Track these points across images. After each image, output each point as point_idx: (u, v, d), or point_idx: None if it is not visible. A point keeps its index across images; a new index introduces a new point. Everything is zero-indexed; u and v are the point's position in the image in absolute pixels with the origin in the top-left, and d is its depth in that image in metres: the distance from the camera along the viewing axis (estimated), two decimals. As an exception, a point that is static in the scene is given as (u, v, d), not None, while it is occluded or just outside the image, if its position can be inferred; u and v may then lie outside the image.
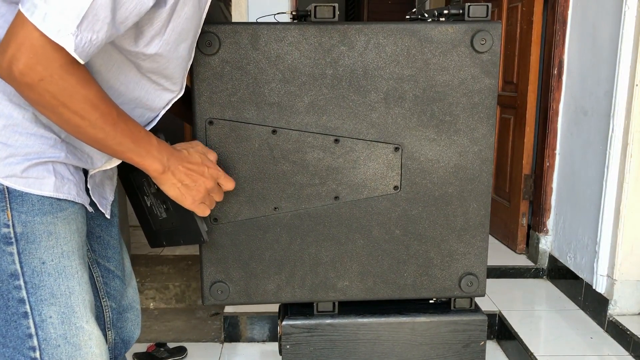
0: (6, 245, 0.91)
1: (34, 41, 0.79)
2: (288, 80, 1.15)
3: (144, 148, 0.96)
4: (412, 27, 1.14)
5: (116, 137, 0.91)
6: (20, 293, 0.93)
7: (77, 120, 0.87)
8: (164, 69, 1.00)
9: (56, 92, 0.83)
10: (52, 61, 0.80)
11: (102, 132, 0.89)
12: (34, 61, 0.80)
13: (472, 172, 1.21)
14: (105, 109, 0.88)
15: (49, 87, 0.82)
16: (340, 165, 1.19)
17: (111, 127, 0.89)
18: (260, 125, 1.16)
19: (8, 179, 0.89)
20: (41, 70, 0.80)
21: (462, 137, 1.19)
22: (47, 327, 0.95)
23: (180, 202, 1.04)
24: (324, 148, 1.18)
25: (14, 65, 0.80)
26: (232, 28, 1.12)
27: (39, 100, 0.84)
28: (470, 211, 1.23)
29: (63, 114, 0.86)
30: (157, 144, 0.98)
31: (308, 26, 1.13)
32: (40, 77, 0.81)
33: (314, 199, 1.20)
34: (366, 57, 1.14)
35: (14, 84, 0.83)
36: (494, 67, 1.16)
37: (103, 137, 0.90)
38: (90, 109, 0.86)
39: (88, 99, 0.86)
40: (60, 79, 0.82)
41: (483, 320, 1.27)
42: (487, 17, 1.15)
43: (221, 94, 1.14)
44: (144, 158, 0.96)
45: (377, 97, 1.16)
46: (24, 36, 0.79)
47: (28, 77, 0.80)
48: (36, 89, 0.82)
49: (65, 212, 0.95)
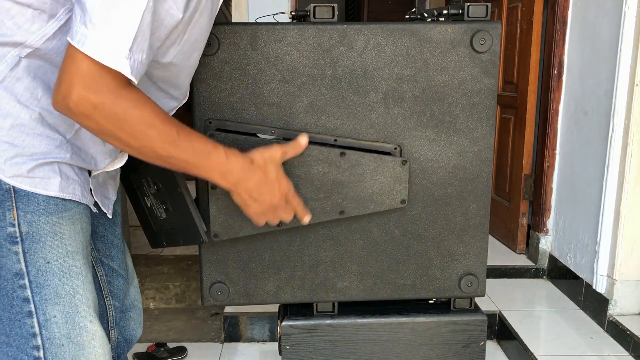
0: (12, 244, 0.91)
1: (84, 71, 0.82)
2: (287, 81, 1.15)
3: (209, 165, 0.97)
4: (411, 27, 1.14)
5: (178, 155, 0.92)
6: (24, 292, 0.93)
7: (136, 143, 0.89)
8: (175, 78, 1.01)
9: (111, 117, 0.85)
10: (102, 88, 0.83)
11: (163, 151, 0.91)
12: (86, 91, 0.82)
13: (472, 172, 1.21)
14: (162, 127, 0.90)
15: (103, 114, 0.84)
16: (346, 179, 1.17)
17: (171, 145, 0.91)
18: (259, 125, 1.16)
19: (14, 178, 0.90)
20: (94, 99, 0.83)
21: (461, 137, 1.19)
22: (51, 327, 0.95)
23: (243, 210, 1.06)
24: (330, 161, 1.16)
25: (68, 98, 0.82)
26: (231, 28, 1.12)
27: (97, 129, 0.87)
28: (470, 211, 1.23)
29: (122, 139, 0.88)
30: (226, 159, 0.98)
31: (307, 26, 1.13)
32: (94, 106, 0.83)
33: (319, 214, 1.18)
34: (365, 57, 1.14)
35: (73, 117, 0.85)
36: (494, 67, 1.16)
37: (166, 156, 0.92)
38: (147, 130, 0.88)
39: (143, 119, 0.87)
40: (113, 104, 0.84)
41: (483, 321, 1.27)
42: (486, 17, 1.15)
43: (220, 95, 1.14)
44: (210, 174, 0.98)
45: (376, 98, 1.16)
46: (75, 68, 0.82)
47: (82, 107, 0.83)
48: (92, 117, 0.84)
49: (70, 212, 0.96)
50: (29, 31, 0.89)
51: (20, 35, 0.88)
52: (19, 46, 0.89)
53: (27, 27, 0.89)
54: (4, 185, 0.90)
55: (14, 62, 0.89)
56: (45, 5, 0.88)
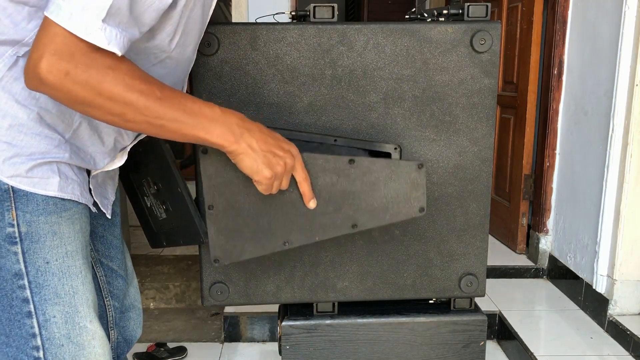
0: (11, 244, 0.91)
1: (56, 41, 0.78)
2: (287, 81, 1.15)
3: (205, 117, 0.89)
4: (411, 27, 1.14)
5: (167, 113, 0.86)
6: (24, 292, 0.93)
7: (118, 108, 0.83)
8: (172, 74, 1.00)
9: (85, 83, 0.80)
10: (75, 52, 0.79)
11: (149, 112, 0.85)
12: (56, 58, 0.78)
13: (472, 172, 1.21)
14: (143, 87, 0.84)
15: (76, 80, 0.80)
16: (357, 189, 1.07)
17: (157, 104, 0.85)
18: (259, 125, 1.16)
19: (13, 178, 0.89)
20: (65, 65, 0.79)
21: (461, 137, 1.19)
22: (51, 327, 0.95)
23: (255, 174, 0.96)
24: (338, 171, 1.06)
25: (38, 67, 0.79)
26: (231, 28, 1.12)
27: (73, 98, 0.82)
28: (470, 211, 1.23)
29: (102, 106, 0.82)
30: (222, 111, 0.91)
31: (307, 26, 1.13)
32: (66, 72, 0.79)
33: (329, 229, 1.08)
34: (365, 57, 1.14)
35: (45, 88, 0.81)
36: (494, 67, 1.16)
37: (154, 117, 0.85)
38: (126, 92, 0.82)
39: (119, 80, 0.82)
40: (86, 68, 0.80)
41: (483, 321, 1.27)
42: (486, 17, 1.15)
43: (220, 95, 1.14)
44: (208, 130, 0.90)
45: (376, 98, 1.16)
46: (48, 38, 0.79)
47: (53, 75, 0.79)
48: (65, 85, 0.80)
49: (69, 212, 0.95)
50: (25, 29, 0.88)
51: (17, 33, 0.88)
52: (16, 45, 0.88)
53: (23, 25, 0.88)
54: (2, 186, 0.89)
55: (11, 61, 0.88)
56: (41, 3, 0.87)
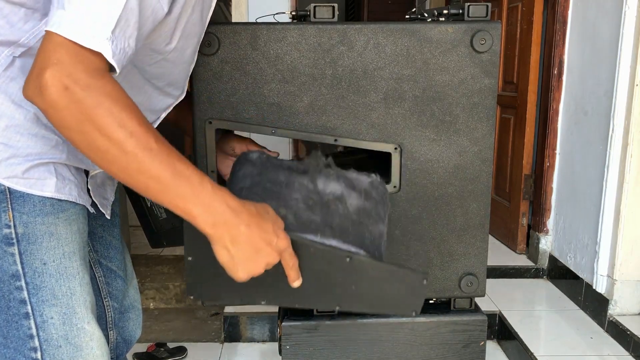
0: (7, 246, 0.91)
1: (60, 54, 0.74)
2: (287, 81, 1.14)
3: (189, 191, 0.79)
4: (411, 27, 1.14)
5: (152, 169, 0.77)
6: (21, 294, 0.93)
7: (103, 143, 0.76)
8: (168, 75, 1.00)
9: (80, 100, 0.74)
10: (76, 68, 0.74)
11: (134, 160, 0.76)
12: (58, 70, 0.74)
13: (472, 172, 1.21)
14: (137, 129, 0.76)
15: (73, 96, 0.74)
16: (350, 282, 0.98)
17: (146, 154, 0.76)
18: (260, 125, 1.16)
19: (9, 179, 0.89)
20: (65, 79, 0.74)
21: (461, 137, 1.19)
22: (49, 328, 0.94)
23: (229, 271, 0.86)
24: (334, 263, 0.96)
25: (41, 77, 0.74)
26: (231, 28, 1.12)
27: (62, 118, 0.76)
28: (470, 211, 1.23)
29: (88, 134, 0.75)
30: (212, 189, 0.80)
31: (307, 26, 1.13)
32: (65, 86, 0.74)
33: (312, 301, 1.01)
34: (366, 57, 1.14)
35: (39, 99, 0.76)
36: (494, 67, 1.16)
37: (136, 168, 0.77)
38: (118, 127, 0.75)
39: (115, 115, 0.75)
40: (86, 85, 0.74)
41: (483, 321, 1.27)
42: (486, 17, 1.15)
43: (220, 94, 1.14)
44: (187, 204, 0.79)
45: (376, 97, 1.16)
46: (51, 51, 0.75)
47: (52, 89, 0.73)
48: (61, 103, 0.74)
49: (66, 212, 0.95)
50: (22, 30, 0.88)
51: (14, 34, 0.87)
52: (12, 45, 0.88)
53: (20, 25, 0.87)
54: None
55: (7, 61, 0.88)
56: (38, 4, 0.87)
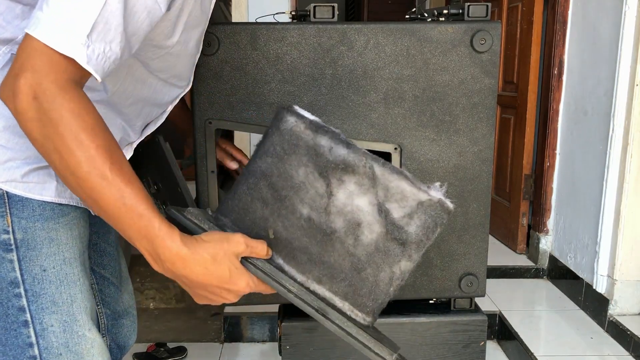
0: (6, 252, 0.88)
1: (36, 58, 0.72)
2: (287, 81, 1.14)
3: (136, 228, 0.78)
4: (411, 27, 1.14)
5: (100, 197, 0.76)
6: (20, 301, 0.90)
7: (60, 162, 0.75)
8: (173, 67, 0.98)
9: (45, 115, 0.72)
10: (47, 77, 0.72)
11: (85, 184, 0.75)
12: (30, 77, 0.72)
13: (472, 172, 1.21)
14: (94, 154, 0.74)
15: (39, 109, 0.72)
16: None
17: (97, 181, 0.75)
18: (260, 125, 1.16)
19: (8, 183, 0.86)
20: (36, 88, 0.72)
21: (461, 137, 1.19)
22: (49, 336, 0.92)
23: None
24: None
25: (14, 83, 0.72)
26: (231, 28, 1.12)
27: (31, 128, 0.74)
28: (470, 211, 1.23)
29: (48, 148, 0.74)
30: (159, 232, 0.78)
31: (307, 26, 1.13)
32: (35, 95, 0.72)
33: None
34: (366, 57, 1.14)
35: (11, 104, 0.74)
36: (494, 67, 1.16)
37: (87, 195, 0.76)
38: (73, 148, 0.73)
39: (75, 134, 0.73)
40: (52, 99, 0.72)
41: (483, 321, 1.27)
42: (486, 16, 1.15)
43: (220, 94, 1.14)
44: (132, 238, 0.79)
45: (376, 97, 1.16)
46: (27, 54, 0.73)
47: (23, 96, 0.72)
48: (29, 111, 0.72)
49: (67, 217, 0.93)
50: (19, 27, 0.86)
51: (10, 31, 0.86)
52: (9, 43, 0.86)
53: (16, 23, 0.86)
54: None
55: (5, 59, 0.86)
56: (34, 1, 0.84)
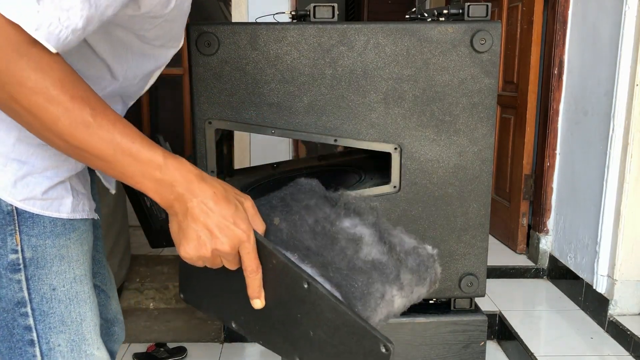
0: (13, 272, 0.83)
1: None
2: (287, 81, 1.14)
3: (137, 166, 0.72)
4: (411, 27, 1.14)
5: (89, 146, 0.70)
6: (26, 320, 0.85)
7: (35, 121, 0.69)
8: (169, 32, 0.91)
9: (3, 78, 0.66)
10: (3, 40, 0.65)
11: (71, 138, 0.69)
12: None
13: (472, 172, 1.21)
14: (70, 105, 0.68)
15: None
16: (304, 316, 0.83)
17: (82, 131, 0.69)
18: (260, 125, 1.16)
19: (27, 201, 0.80)
20: None
21: (461, 137, 1.19)
22: (55, 356, 0.88)
23: (176, 245, 0.79)
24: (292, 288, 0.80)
25: None
26: (231, 28, 1.12)
27: None
28: (470, 211, 1.23)
29: (18, 112, 0.68)
30: (164, 161, 0.72)
31: (307, 26, 1.13)
32: None
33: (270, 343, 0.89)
34: (366, 57, 1.14)
35: None
36: (494, 67, 1.16)
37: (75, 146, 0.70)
38: (47, 104, 0.67)
39: (43, 89, 0.67)
40: (8, 60, 0.65)
41: (483, 321, 1.27)
42: (486, 16, 1.15)
43: (220, 94, 1.14)
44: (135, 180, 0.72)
45: (376, 97, 1.16)
46: None
47: None
48: None
49: (78, 231, 0.88)
50: None
51: None
52: None
53: None
54: (4, 208, 0.80)
55: None
56: None
